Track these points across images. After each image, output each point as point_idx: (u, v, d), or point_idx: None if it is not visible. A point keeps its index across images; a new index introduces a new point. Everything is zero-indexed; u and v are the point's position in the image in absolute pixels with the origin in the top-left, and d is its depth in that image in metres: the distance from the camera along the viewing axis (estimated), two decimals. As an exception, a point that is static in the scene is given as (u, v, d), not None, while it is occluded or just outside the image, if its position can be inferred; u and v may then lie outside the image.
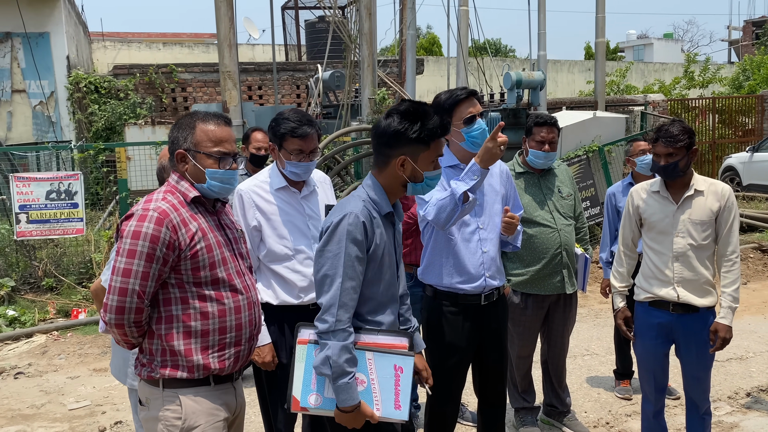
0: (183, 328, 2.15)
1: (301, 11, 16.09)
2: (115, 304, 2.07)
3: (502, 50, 37.53)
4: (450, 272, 2.96)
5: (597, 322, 6.24)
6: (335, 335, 2.15)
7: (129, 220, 2.09)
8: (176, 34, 28.57)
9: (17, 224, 6.83)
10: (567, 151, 8.90)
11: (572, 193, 3.80)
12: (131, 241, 2.05)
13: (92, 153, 7.54)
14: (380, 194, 2.30)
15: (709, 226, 3.11)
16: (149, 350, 2.18)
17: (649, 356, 3.29)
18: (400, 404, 2.18)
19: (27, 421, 4.45)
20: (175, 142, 2.23)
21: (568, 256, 3.69)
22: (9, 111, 11.01)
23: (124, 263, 2.05)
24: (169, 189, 2.21)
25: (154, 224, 2.07)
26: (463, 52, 10.53)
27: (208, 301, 2.16)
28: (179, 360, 2.15)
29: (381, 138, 2.27)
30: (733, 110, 14.77)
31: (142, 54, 19.52)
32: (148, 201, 2.14)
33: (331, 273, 2.18)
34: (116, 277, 2.06)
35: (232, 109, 8.42)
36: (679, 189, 3.16)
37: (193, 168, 2.20)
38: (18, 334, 6.10)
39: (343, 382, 2.13)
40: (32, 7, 10.69)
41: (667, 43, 43.12)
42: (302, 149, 2.85)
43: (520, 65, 21.24)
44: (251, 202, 2.91)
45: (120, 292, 2.06)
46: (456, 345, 2.98)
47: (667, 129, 3.12)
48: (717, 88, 19.24)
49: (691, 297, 3.14)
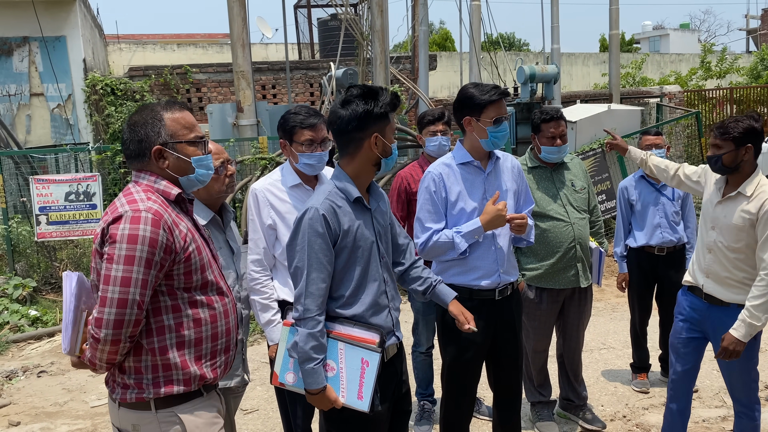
0: (176, 339, 1.99)
1: (313, 9, 16.11)
2: (113, 318, 1.86)
3: (515, 44, 37.29)
4: (465, 269, 3.00)
5: (613, 315, 6.21)
6: (304, 323, 2.26)
7: (118, 222, 1.89)
8: (190, 34, 28.76)
9: (37, 226, 6.94)
10: (582, 145, 8.85)
11: (585, 187, 3.78)
12: (128, 246, 1.86)
13: (110, 154, 7.63)
14: (347, 181, 2.37)
15: (743, 232, 2.97)
16: (135, 369, 1.97)
17: (674, 334, 3.32)
18: (362, 395, 2.29)
19: (50, 418, 4.53)
20: (145, 140, 2.02)
21: (582, 250, 3.68)
22: (28, 114, 11.16)
23: (122, 271, 1.86)
24: (144, 188, 2.01)
25: (151, 226, 1.89)
26: (476, 47, 10.50)
27: (200, 306, 2.03)
28: (174, 374, 1.99)
29: (350, 124, 2.31)
30: (752, 100, 14.57)
31: (157, 55, 19.67)
32: (132, 201, 1.94)
33: (300, 265, 2.27)
34: (112, 287, 1.86)
35: (247, 108, 8.47)
36: (731, 186, 3.05)
37: (176, 161, 2.05)
38: (40, 333, 6.21)
39: (309, 367, 2.26)
40: (49, 11, 10.82)
41: (684, 34, 42.59)
42: (313, 139, 2.90)
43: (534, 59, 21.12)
44: (266, 200, 2.94)
45: (119, 304, 1.86)
46: (471, 340, 3.01)
47: (725, 120, 3.00)
48: (735, 78, 19.00)
49: (718, 290, 3.08)
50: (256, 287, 2.93)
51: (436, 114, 4.00)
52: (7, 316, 6.40)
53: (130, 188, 2.03)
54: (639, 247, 4.42)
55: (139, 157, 2.05)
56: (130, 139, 2.05)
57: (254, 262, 2.94)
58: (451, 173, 2.99)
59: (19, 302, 6.71)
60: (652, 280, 4.46)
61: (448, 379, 3.13)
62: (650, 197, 4.37)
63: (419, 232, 2.99)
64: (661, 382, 4.58)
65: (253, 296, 2.94)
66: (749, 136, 2.93)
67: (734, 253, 3.02)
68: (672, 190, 4.33)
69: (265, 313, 2.92)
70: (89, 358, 1.94)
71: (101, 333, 1.88)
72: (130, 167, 2.10)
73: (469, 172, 3.01)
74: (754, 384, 3.16)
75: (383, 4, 8.97)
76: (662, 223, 4.32)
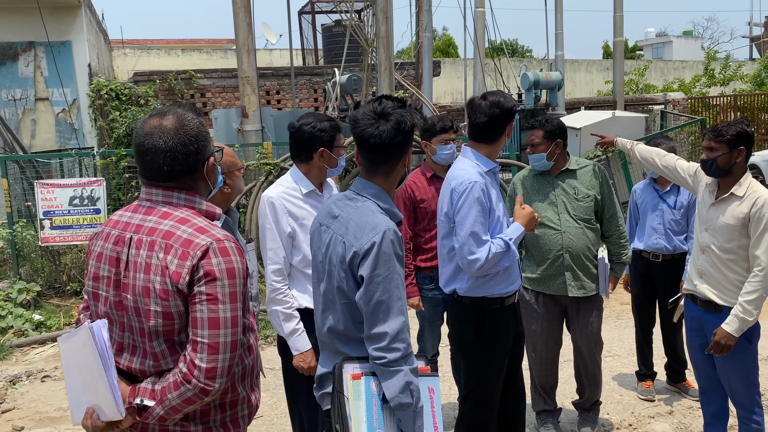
0: (242, 371, 1.84)
1: (317, 16, 16.18)
2: (227, 364, 1.68)
3: (518, 51, 37.37)
4: (499, 280, 3.00)
5: (618, 323, 6.19)
6: (406, 360, 1.97)
7: (208, 257, 1.67)
8: (194, 40, 28.85)
9: (41, 230, 6.95)
10: (586, 152, 8.85)
11: (590, 195, 3.69)
12: (229, 282, 1.68)
13: (114, 159, 7.65)
14: (388, 202, 2.16)
15: (735, 232, 3.04)
16: (202, 411, 1.78)
17: (688, 345, 3.42)
18: (437, 425, 2.10)
19: (54, 423, 4.52)
20: (203, 151, 1.80)
21: (573, 259, 3.63)
22: (33, 119, 11.20)
23: (230, 310, 1.67)
24: (188, 211, 1.79)
25: (239, 256, 1.73)
26: (480, 53, 10.51)
27: (248, 332, 1.87)
28: (239, 410, 1.84)
29: (395, 138, 2.08)
30: (755, 107, 14.57)
31: (162, 60, 19.73)
32: (202, 230, 1.72)
33: (385, 298, 1.97)
34: (224, 330, 1.66)
35: (251, 113, 8.49)
36: (723, 187, 3.15)
37: (213, 170, 1.89)
38: (44, 338, 6.21)
39: (420, 406, 2.00)
40: (54, 16, 10.88)
41: (687, 41, 42.62)
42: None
43: (538, 65, 21.14)
44: (284, 208, 2.90)
45: (232, 348, 1.68)
46: (506, 345, 3.09)
47: (717, 124, 3.11)
48: (738, 86, 19.00)
49: (711, 293, 3.14)
50: (278, 297, 2.89)
51: (449, 123, 3.98)
52: (11, 321, 6.40)
53: (171, 212, 1.77)
54: (637, 251, 4.43)
55: (189, 172, 1.79)
56: (185, 152, 1.76)
57: (275, 272, 2.89)
58: (486, 182, 2.95)
59: (23, 306, 6.71)
60: (649, 286, 4.44)
61: (479, 385, 3.09)
62: (651, 202, 4.37)
63: (475, 246, 2.79)
64: (666, 390, 4.56)
65: (275, 306, 2.89)
66: (742, 139, 3.03)
67: (727, 254, 3.08)
68: (674, 198, 4.31)
69: (289, 323, 2.90)
70: (162, 415, 1.71)
71: (216, 384, 1.67)
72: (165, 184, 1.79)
73: (492, 179, 3.03)
74: (754, 388, 3.19)
75: (388, 11, 8.99)
76: (658, 229, 4.31)
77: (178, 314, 1.70)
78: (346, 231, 2.06)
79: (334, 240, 2.10)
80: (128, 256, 1.75)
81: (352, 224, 2.06)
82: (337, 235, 2.08)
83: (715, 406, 3.37)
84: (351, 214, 2.09)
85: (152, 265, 1.70)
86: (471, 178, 2.87)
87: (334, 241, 2.09)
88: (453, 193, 2.90)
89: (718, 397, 3.35)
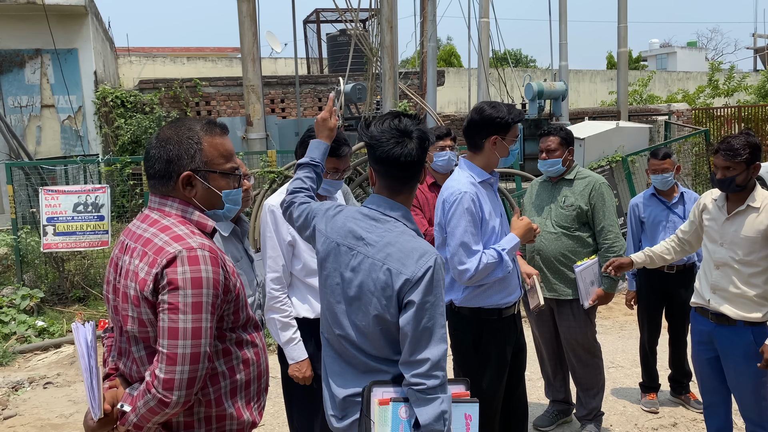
0: (230, 385, 1.79)
1: (322, 25, 16.25)
2: (186, 377, 1.63)
3: (522, 60, 37.46)
4: (494, 291, 2.99)
5: (622, 334, 6.17)
6: (443, 389, 1.93)
7: (174, 265, 1.64)
8: (200, 48, 28.99)
9: (44, 236, 6.95)
10: (590, 162, 8.84)
11: (574, 205, 3.79)
12: (193, 292, 1.64)
13: (119, 166, 7.67)
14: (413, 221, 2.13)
15: (756, 244, 3.02)
16: (185, 424, 1.75)
17: (694, 359, 3.38)
18: None
19: (56, 430, 4.52)
20: (176, 160, 1.76)
21: (544, 261, 3.85)
22: (38, 125, 11.25)
23: (191, 321, 1.63)
24: (178, 219, 1.78)
25: (212, 266, 1.67)
26: (484, 63, 10.54)
27: (246, 346, 1.83)
28: (227, 425, 1.80)
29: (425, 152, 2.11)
30: (760, 119, 14.56)
31: (167, 68, 19.83)
32: (178, 238, 1.70)
33: (431, 325, 1.93)
34: (183, 341, 1.63)
35: (256, 122, 8.52)
36: (735, 202, 3.12)
37: (205, 192, 1.81)
38: (47, 344, 6.21)
39: None
40: (61, 24, 10.95)
41: (691, 52, 42.67)
42: (338, 168, 2.90)
43: (542, 75, 21.18)
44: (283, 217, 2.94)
45: (192, 360, 1.63)
46: (505, 357, 3.06)
47: (729, 141, 3.04)
48: (742, 97, 18.99)
49: (726, 308, 3.10)
50: (276, 305, 2.90)
51: (444, 130, 4.20)
52: (14, 327, 6.41)
53: (159, 219, 1.77)
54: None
55: (164, 179, 1.78)
56: (158, 157, 1.77)
57: (274, 280, 2.90)
58: (479, 192, 2.94)
59: (27, 313, 6.72)
60: (662, 298, 4.43)
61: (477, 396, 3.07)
62: (661, 215, 4.35)
63: (465, 257, 2.80)
64: (670, 402, 4.54)
65: (273, 314, 2.90)
66: (755, 154, 3.03)
67: (748, 267, 3.04)
68: (683, 208, 4.31)
69: (286, 332, 2.90)
70: (135, 422, 1.69)
71: (173, 396, 1.63)
72: (151, 188, 1.83)
73: (487, 189, 3.02)
74: (764, 402, 3.16)
75: (393, 20, 9.03)
76: None
77: (149, 322, 1.69)
78: (387, 257, 1.99)
79: (370, 266, 2.00)
80: (121, 262, 1.78)
81: (394, 249, 1.99)
82: (376, 261, 1.99)
83: (719, 420, 3.35)
84: (387, 238, 2.02)
85: (130, 272, 1.72)
86: (461, 189, 2.88)
87: (370, 268, 2.00)
88: (444, 204, 2.92)
89: (723, 412, 3.33)
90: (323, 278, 2.15)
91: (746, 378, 3.10)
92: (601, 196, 3.79)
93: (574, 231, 3.80)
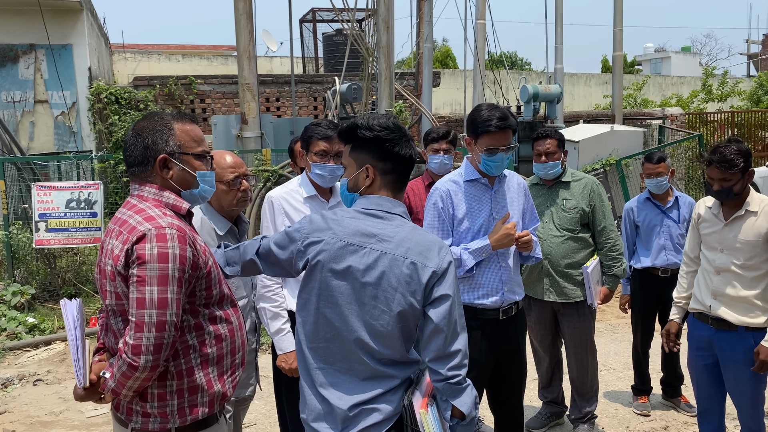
0: (201, 358, 1.92)
1: (318, 24, 16.22)
2: (152, 343, 1.78)
3: (518, 63, 37.51)
4: (469, 287, 2.97)
5: (614, 336, 6.18)
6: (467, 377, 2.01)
7: (144, 242, 1.80)
8: (195, 45, 28.91)
9: (36, 232, 6.91)
10: (584, 165, 8.86)
11: (577, 207, 3.81)
12: (159, 266, 1.79)
13: (112, 163, 7.64)
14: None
15: (757, 247, 3.03)
16: (159, 395, 1.89)
17: (691, 365, 3.37)
18: None
19: (46, 428, 4.49)
20: (152, 146, 1.95)
21: (552, 266, 3.82)
22: (31, 121, 11.18)
23: (157, 292, 1.78)
24: (154, 203, 1.94)
25: (179, 243, 1.82)
26: (480, 65, 10.55)
27: (219, 322, 1.97)
28: (199, 397, 1.92)
29: None
30: (752, 124, 14.64)
31: (162, 65, 19.75)
32: (150, 218, 1.86)
33: (457, 315, 1.97)
34: (149, 310, 1.78)
35: (251, 120, 8.48)
36: (731, 208, 3.13)
37: (181, 173, 1.98)
38: (37, 341, 6.17)
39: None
40: (56, 19, 10.88)
41: (685, 57, 42.86)
42: (327, 151, 2.94)
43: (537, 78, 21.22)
44: (281, 208, 2.98)
45: (158, 327, 1.78)
46: (474, 360, 2.96)
47: (722, 152, 3.02)
48: (736, 102, 19.09)
49: (727, 313, 3.10)
50: (267, 294, 2.90)
51: (441, 132, 4.09)
52: (5, 323, 6.36)
53: (136, 203, 1.93)
54: (643, 269, 4.40)
55: (142, 164, 1.96)
56: (134, 145, 1.96)
57: None
58: (458, 190, 2.97)
59: (17, 309, 6.68)
60: (656, 302, 4.44)
61: None
62: (656, 219, 4.36)
63: None
64: (662, 405, 4.55)
65: (263, 303, 2.91)
66: (748, 161, 3.06)
67: (751, 271, 3.05)
68: (678, 212, 4.32)
69: (275, 322, 2.90)
70: (113, 387, 1.85)
71: (141, 360, 1.78)
72: (131, 176, 2.00)
73: (476, 189, 3.00)
74: (761, 407, 3.18)
75: (389, 21, 9.02)
76: (667, 245, 4.31)
77: (123, 295, 1.85)
78: (407, 251, 1.95)
79: (390, 261, 1.94)
80: (105, 244, 1.95)
81: (412, 243, 1.96)
82: (397, 256, 1.94)
83: (712, 426, 3.35)
84: (402, 234, 1.98)
85: (108, 250, 1.89)
86: (438, 186, 3.00)
87: (390, 263, 1.94)
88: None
89: (716, 417, 3.33)
90: (314, 285, 2.00)
91: (745, 384, 3.10)
92: (599, 197, 3.84)
93: (578, 233, 3.83)
